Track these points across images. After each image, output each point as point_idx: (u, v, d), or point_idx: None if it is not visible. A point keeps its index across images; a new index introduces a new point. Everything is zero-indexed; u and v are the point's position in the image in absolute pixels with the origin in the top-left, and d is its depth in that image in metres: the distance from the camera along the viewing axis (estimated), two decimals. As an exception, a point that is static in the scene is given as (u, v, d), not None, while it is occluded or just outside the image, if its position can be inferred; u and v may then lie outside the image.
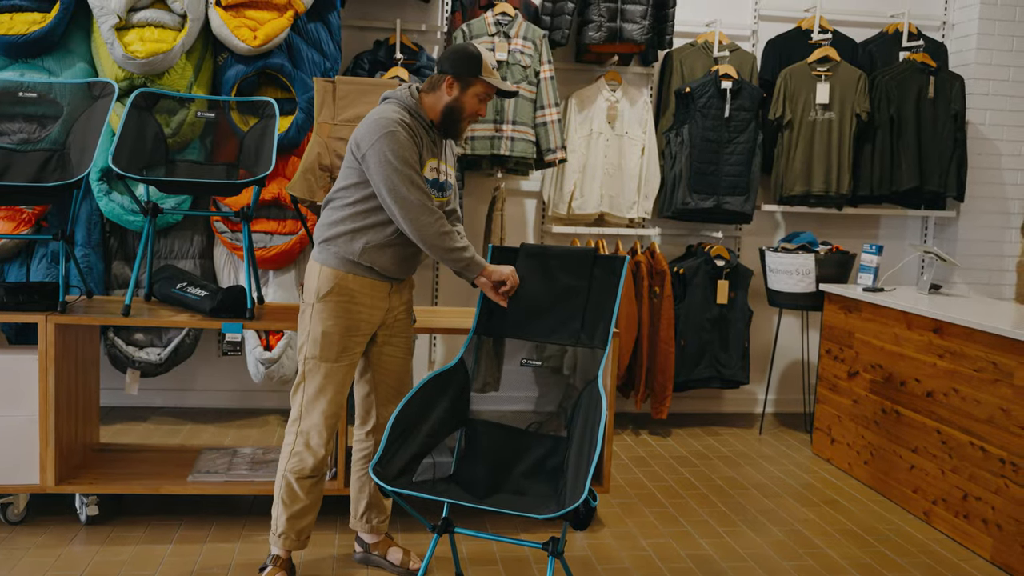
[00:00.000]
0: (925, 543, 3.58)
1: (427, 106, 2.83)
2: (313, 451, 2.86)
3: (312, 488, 2.90)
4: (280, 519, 2.91)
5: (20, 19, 4.07)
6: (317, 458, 2.87)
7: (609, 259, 2.90)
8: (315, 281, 2.83)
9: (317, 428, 2.85)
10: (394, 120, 2.70)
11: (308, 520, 2.93)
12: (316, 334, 2.81)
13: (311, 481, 2.89)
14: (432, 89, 2.83)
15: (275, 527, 2.93)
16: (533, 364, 2.88)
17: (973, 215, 5.44)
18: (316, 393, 2.85)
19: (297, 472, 2.87)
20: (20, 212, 4.16)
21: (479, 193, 5.13)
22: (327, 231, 2.83)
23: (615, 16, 4.78)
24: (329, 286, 2.80)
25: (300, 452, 2.86)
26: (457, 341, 5.26)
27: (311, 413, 2.86)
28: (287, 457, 2.88)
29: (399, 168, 2.67)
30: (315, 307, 2.81)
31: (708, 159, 4.96)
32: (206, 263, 4.56)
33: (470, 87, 2.80)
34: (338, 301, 2.80)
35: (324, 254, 2.83)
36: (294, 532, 2.91)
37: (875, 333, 4.21)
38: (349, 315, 2.82)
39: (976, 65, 5.34)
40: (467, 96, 2.81)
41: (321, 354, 2.82)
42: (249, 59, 4.27)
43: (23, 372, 3.21)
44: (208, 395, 5.09)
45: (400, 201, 2.68)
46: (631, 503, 3.88)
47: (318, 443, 2.86)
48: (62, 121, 3.46)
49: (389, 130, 2.68)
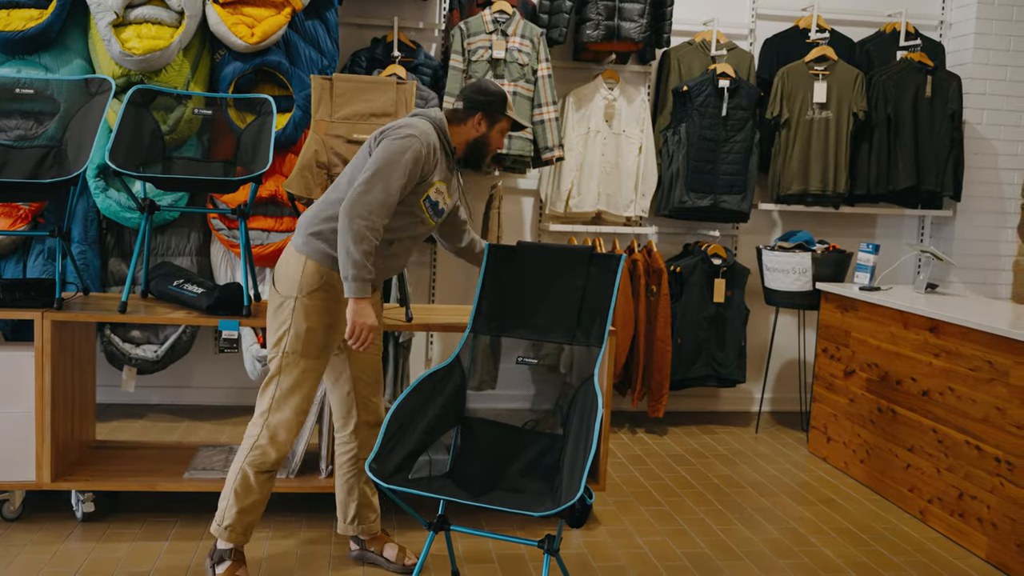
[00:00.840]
0: (921, 542, 3.59)
1: (453, 136, 2.93)
2: (278, 446, 2.83)
3: (266, 483, 2.87)
4: (230, 511, 2.86)
5: (17, 15, 4.07)
6: (281, 453, 2.85)
7: (606, 257, 2.90)
8: (299, 274, 2.78)
9: (287, 423, 2.83)
10: (424, 132, 2.77)
11: (256, 515, 2.90)
12: (300, 330, 2.78)
13: (267, 476, 2.87)
14: (459, 121, 2.93)
15: (221, 518, 2.87)
16: (529, 362, 2.89)
17: (969, 214, 5.45)
18: (291, 388, 2.82)
19: (257, 465, 2.83)
20: (17, 208, 4.15)
21: (476, 191, 5.13)
22: (319, 224, 2.79)
23: (613, 14, 4.78)
24: (317, 282, 2.78)
25: (264, 446, 2.83)
26: (454, 339, 5.27)
27: (283, 408, 2.82)
28: (248, 449, 2.84)
29: (393, 167, 2.67)
30: (299, 301, 2.77)
31: (705, 158, 4.96)
32: (203, 260, 4.56)
33: (497, 123, 2.94)
34: (325, 298, 2.79)
35: (310, 247, 2.79)
36: (241, 526, 2.87)
37: (871, 332, 4.21)
38: (332, 313, 2.82)
39: (973, 65, 5.35)
40: (494, 132, 2.95)
41: (304, 350, 2.80)
42: (246, 56, 4.27)
43: (19, 369, 3.20)
44: (205, 392, 5.09)
45: (365, 189, 2.65)
46: (627, 501, 3.88)
47: (285, 439, 2.84)
48: (59, 118, 3.45)
49: (413, 135, 2.73)
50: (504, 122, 2.96)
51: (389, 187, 2.66)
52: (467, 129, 2.93)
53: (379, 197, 2.65)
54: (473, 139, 2.94)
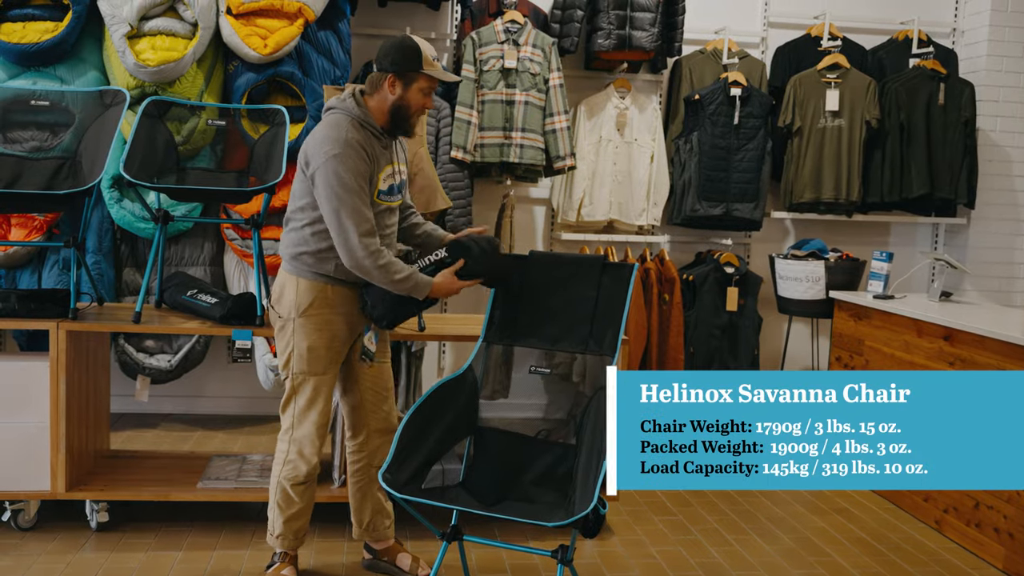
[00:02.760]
0: (936, 552, 3.56)
1: (373, 110, 2.76)
2: (306, 459, 2.90)
3: (305, 492, 2.95)
4: (277, 522, 2.97)
5: (33, 28, 4.10)
6: (310, 465, 2.91)
7: (618, 266, 2.90)
8: (293, 294, 2.81)
9: (309, 437, 2.89)
10: (342, 140, 2.64)
11: (303, 521, 3.00)
12: (302, 349, 2.82)
13: (304, 486, 2.94)
14: (374, 90, 2.76)
15: (272, 529, 2.99)
16: (542, 371, 2.88)
17: (984, 222, 5.42)
18: (307, 405, 2.88)
19: (291, 479, 2.91)
20: (32, 219, 4.18)
21: (488, 200, 5.13)
22: (294, 249, 2.81)
23: (624, 24, 4.78)
24: (309, 299, 2.79)
25: (294, 460, 2.91)
26: (466, 348, 5.26)
27: (303, 424, 2.89)
28: (281, 464, 2.92)
29: (343, 196, 2.63)
30: (297, 322, 2.81)
31: (717, 166, 4.96)
32: (216, 270, 4.58)
33: (413, 83, 2.72)
34: (319, 314, 2.81)
35: (298, 266, 2.81)
36: (291, 532, 2.98)
37: (885, 340, 4.19)
38: (331, 326, 2.83)
39: (986, 72, 5.33)
40: (411, 92, 2.73)
41: (310, 368, 2.84)
42: (260, 67, 4.29)
43: (34, 379, 3.22)
44: (218, 402, 5.10)
45: (341, 231, 2.65)
46: (641, 511, 3.87)
47: (311, 451, 2.90)
48: (74, 129, 3.48)
49: (336, 152, 2.63)
50: (421, 80, 2.71)
51: (351, 209, 2.63)
52: (383, 96, 2.74)
53: (352, 226, 2.63)
54: (391, 105, 2.73)
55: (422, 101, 2.76)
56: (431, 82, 2.75)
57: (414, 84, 2.73)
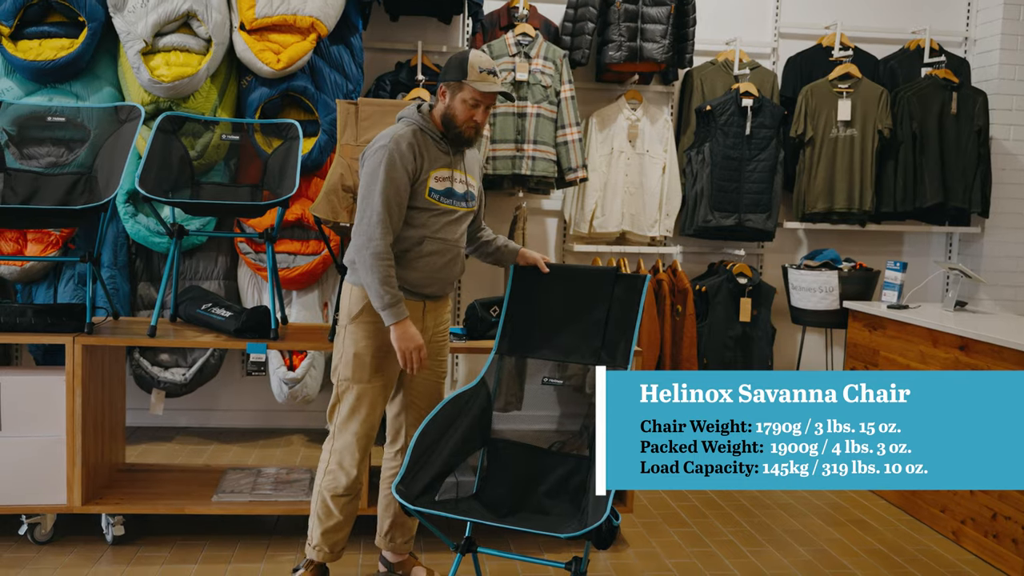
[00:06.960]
0: (954, 563, 3.54)
1: (434, 116, 2.85)
2: (346, 471, 2.89)
3: (346, 506, 2.94)
4: (315, 532, 2.96)
5: (49, 45, 4.15)
6: (350, 478, 2.90)
7: (631, 278, 2.90)
8: (347, 301, 2.86)
9: (349, 449, 2.89)
10: (396, 136, 2.73)
11: (342, 535, 2.98)
12: (348, 355, 2.84)
13: (345, 499, 2.93)
14: (435, 101, 2.87)
15: (310, 538, 2.98)
16: (555, 383, 2.88)
17: (998, 231, 5.39)
18: (349, 414, 2.88)
19: (331, 490, 2.91)
20: (48, 235, 4.21)
21: (501, 212, 5.14)
22: (351, 257, 2.85)
23: (635, 36, 4.80)
24: (360, 306, 2.82)
25: (334, 471, 2.91)
26: (479, 360, 5.27)
27: (344, 433, 2.89)
28: (322, 474, 2.93)
29: (381, 182, 2.68)
30: (348, 328, 2.85)
31: (729, 177, 4.95)
32: (230, 284, 4.60)
33: (458, 93, 2.77)
34: (370, 321, 2.82)
35: (352, 275, 2.86)
36: (328, 545, 2.96)
37: (900, 351, 4.17)
38: (381, 335, 2.82)
39: (999, 80, 5.31)
40: (456, 103, 2.78)
41: (353, 375, 2.84)
42: (273, 82, 4.32)
43: (51, 393, 3.24)
44: (232, 415, 5.12)
45: (365, 211, 2.70)
46: (655, 523, 3.85)
47: (350, 463, 2.89)
48: (89, 145, 3.51)
49: (384, 144, 2.72)
50: (465, 91, 2.75)
51: (374, 203, 2.68)
52: (439, 105, 2.84)
53: (371, 217, 2.68)
54: (442, 114, 2.82)
55: (468, 112, 2.78)
56: (474, 95, 2.76)
57: (459, 95, 2.77)
